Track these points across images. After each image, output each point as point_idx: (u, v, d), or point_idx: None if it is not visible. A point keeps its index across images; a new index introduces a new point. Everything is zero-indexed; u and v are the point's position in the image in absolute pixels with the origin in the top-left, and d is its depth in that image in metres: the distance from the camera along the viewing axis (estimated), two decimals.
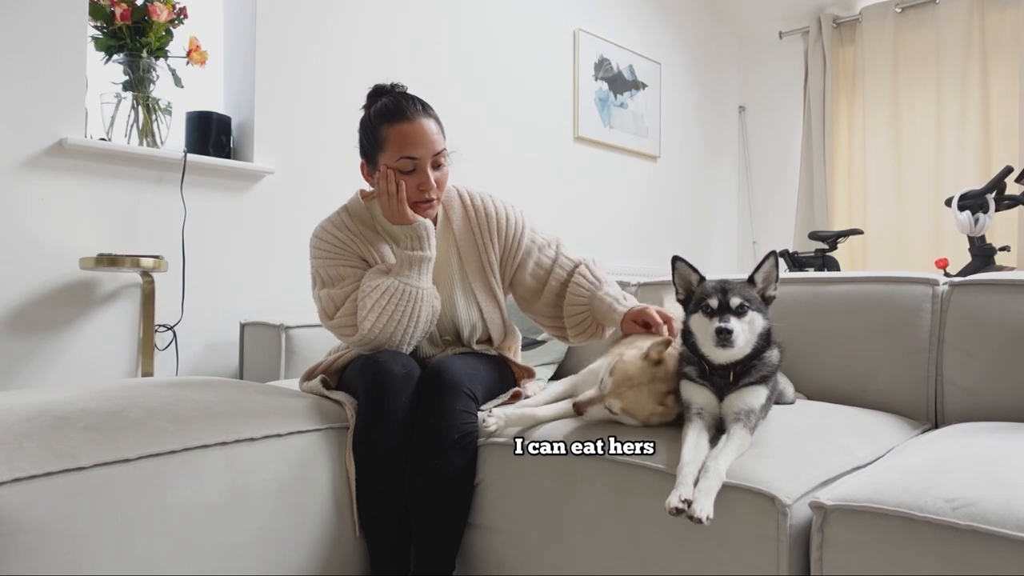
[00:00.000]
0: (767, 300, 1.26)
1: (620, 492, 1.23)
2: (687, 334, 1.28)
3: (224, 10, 2.73)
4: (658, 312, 1.52)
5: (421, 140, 1.51)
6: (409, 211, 1.53)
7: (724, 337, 1.17)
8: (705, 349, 1.23)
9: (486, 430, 1.41)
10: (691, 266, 1.28)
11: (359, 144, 1.61)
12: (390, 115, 1.53)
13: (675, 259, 1.29)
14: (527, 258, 1.70)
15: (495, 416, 1.41)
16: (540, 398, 1.54)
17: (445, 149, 1.57)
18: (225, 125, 2.57)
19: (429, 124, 1.53)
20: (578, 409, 1.32)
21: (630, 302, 1.61)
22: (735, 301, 1.20)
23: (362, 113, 1.60)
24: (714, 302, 1.21)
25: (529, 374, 1.74)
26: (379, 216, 1.61)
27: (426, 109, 1.56)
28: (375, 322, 1.49)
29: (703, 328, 1.22)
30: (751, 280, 1.26)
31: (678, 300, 1.32)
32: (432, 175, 1.53)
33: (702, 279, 1.28)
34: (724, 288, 1.22)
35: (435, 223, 1.64)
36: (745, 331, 1.20)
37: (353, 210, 1.64)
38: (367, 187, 1.65)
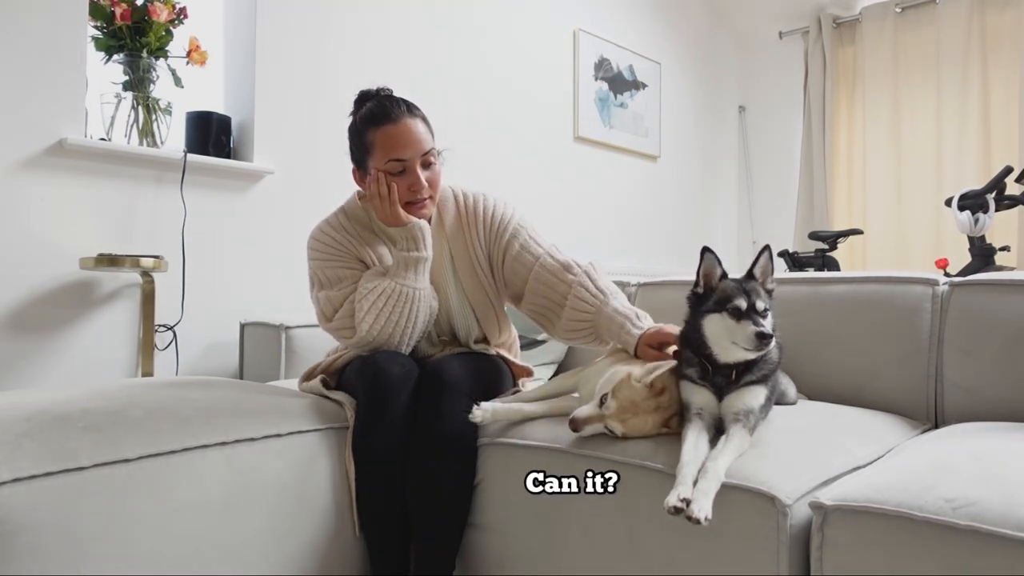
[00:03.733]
0: (768, 293, 1.27)
1: (620, 492, 1.23)
2: (695, 333, 1.26)
3: (224, 10, 2.73)
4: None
5: (407, 141, 1.51)
6: (403, 212, 1.52)
7: (766, 341, 1.16)
8: (717, 348, 1.22)
9: (471, 421, 1.40)
10: (719, 260, 1.27)
11: (350, 151, 1.60)
12: (375, 119, 1.53)
13: (705, 250, 1.27)
14: (507, 254, 1.63)
15: (482, 409, 1.40)
16: (531, 394, 1.53)
17: (434, 148, 1.56)
18: (225, 125, 2.57)
19: (415, 124, 1.52)
20: (574, 426, 1.28)
21: (644, 321, 1.47)
22: (761, 304, 1.20)
23: (351, 120, 1.60)
24: (742, 304, 1.19)
25: (528, 373, 1.75)
26: (376, 217, 1.61)
27: (411, 110, 1.55)
28: (373, 324, 1.49)
29: (728, 330, 1.20)
30: (751, 275, 1.26)
31: (696, 292, 1.28)
32: (422, 175, 1.53)
33: (723, 276, 1.26)
34: (747, 290, 1.21)
35: (429, 223, 1.63)
36: None
37: (351, 211, 1.64)
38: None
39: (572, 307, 1.56)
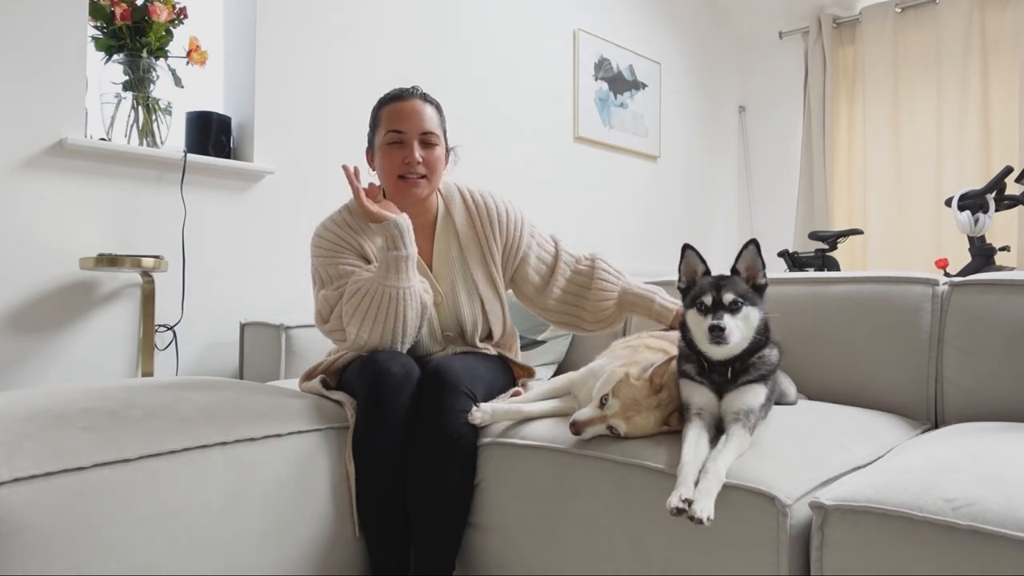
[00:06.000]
0: (759, 290, 1.26)
1: (620, 492, 1.23)
2: (685, 329, 1.28)
3: (224, 10, 2.73)
4: None
5: (408, 116, 1.59)
6: (376, 209, 1.49)
7: (717, 335, 1.17)
8: (701, 345, 1.24)
9: (471, 422, 1.41)
10: (701, 258, 1.28)
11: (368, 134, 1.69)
12: (388, 97, 1.64)
13: (686, 247, 1.29)
14: (528, 253, 1.73)
15: (481, 410, 1.42)
16: (531, 394, 1.53)
17: (437, 134, 1.62)
18: (225, 125, 2.57)
19: (422, 106, 1.61)
20: (575, 429, 1.28)
21: (665, 296, 1.70)
22: (728, 297, 1.20)
23: (365, 116, 1.66)
24: (708, 299, 1.21)
25: (529, 373, 1.75)
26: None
27: (424, 96, 1.64)
28: (360, 327, 1.48)
29: (698, 325, 1.22)
30: (735, 271, 1.26)
31: (679, 288, 1.31)
32: (418, 152, 1.58)
33: (706, 273, 1.27)
34: (718, 285, 1.22)
35: (436, 217, 1.68)
36: (740, 327, 1.20)
37: (354, 208, 1.64)
38: (374, 183, 1.67)
39: (598, 288, 1.71)
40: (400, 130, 1.58)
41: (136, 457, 1.18)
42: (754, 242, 1.26)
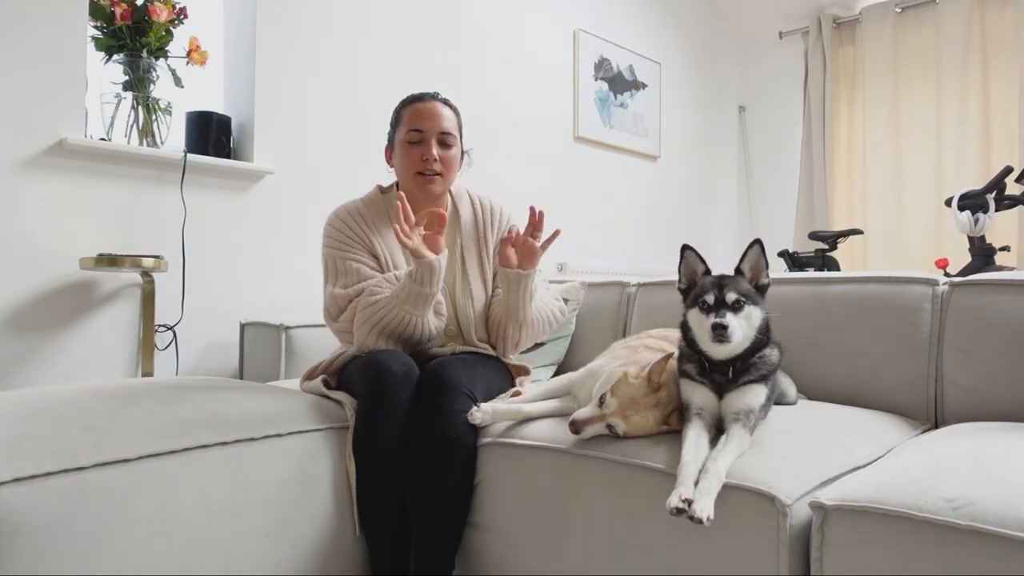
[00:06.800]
0: (761, 289, 1.26)
1: (620, 492, 1.23)
2: (686, 329, 1.28)
3: (224, 10, 2.73)
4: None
5: (429, 116, 1.68)
6: (415, 245, 1.49)
7: (720, 333, 1.17)
8: (703, 344, 1.24)
9: (471, 422, 1.42)
10: (700, 258, 1.29)
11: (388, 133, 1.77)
12: (410, 98, 1.73)
13: (685, 247, 1.30)
14: None
15: (482, 410, 1.43)
16: (531, 395, 1.54)
17: (455, 135, 1.70)
18: (225, 125, 2.57)
19: (441, 107, 1.70)
20: (574, 428, 1.28)
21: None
22: (731, 296, 1.21)
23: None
24: (711, 298, 1.21)
25: (525, 372, 1.76)
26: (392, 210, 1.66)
27: (445, 100, 1.74)
28: (368, 336, 1.55)
29: (700, 324, 1.22)
30: (739, 271, 1.26)
31: (679, 289, 1.32)
32: (436, 150, 1.66)
33: (707, 272, 1.28)
34: (720, 284, 1.22)
35: (445, 211, 1.71)
36: (742, 326, 1.20)
37: (369, 201, 1.72)
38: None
39: (494, 302, 1.74)
40: (420, 129, 1.66)
41: (136, 457, 1.18)
42: (758, 242, 1.26)
